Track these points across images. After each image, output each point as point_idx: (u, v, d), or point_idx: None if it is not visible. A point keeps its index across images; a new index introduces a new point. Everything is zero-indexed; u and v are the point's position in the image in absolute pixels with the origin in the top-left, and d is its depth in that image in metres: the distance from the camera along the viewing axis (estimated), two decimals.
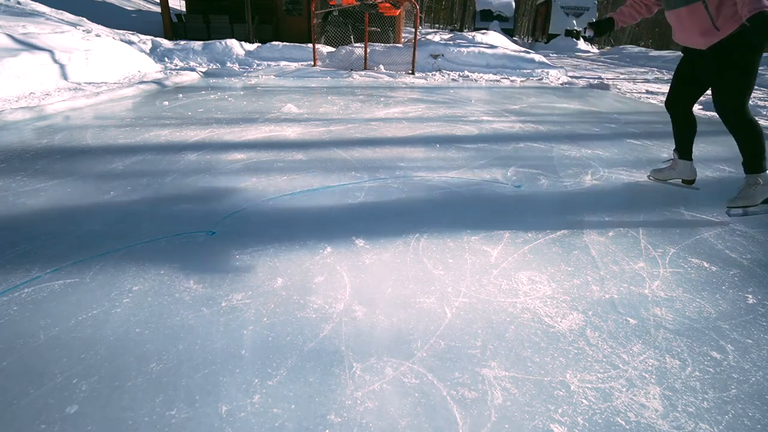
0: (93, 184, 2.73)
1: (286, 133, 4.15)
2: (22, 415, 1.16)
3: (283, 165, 3.22)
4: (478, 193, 2.82)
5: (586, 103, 6.65)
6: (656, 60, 15.73)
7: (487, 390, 1.28)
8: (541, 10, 27.32)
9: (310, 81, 7.86)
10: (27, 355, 1.35)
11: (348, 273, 1.85)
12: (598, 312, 1.66)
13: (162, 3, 14.24)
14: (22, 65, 5.51)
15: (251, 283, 1.76)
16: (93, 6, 16.94)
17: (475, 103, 6.25)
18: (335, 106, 5.59)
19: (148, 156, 3.31)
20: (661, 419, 1.21)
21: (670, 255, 2.11)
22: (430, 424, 1.17)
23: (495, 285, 1.81)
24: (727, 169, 3.55)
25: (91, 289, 1.68)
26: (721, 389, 1.32)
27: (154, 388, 1.25)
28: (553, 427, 1.18)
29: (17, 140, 3.57)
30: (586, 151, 3.87)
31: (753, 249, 2.21)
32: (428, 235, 2.20)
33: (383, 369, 1.35)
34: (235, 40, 10.33)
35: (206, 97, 5.90)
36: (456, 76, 9.04)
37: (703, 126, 5.37)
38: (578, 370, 1.37)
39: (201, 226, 2.23)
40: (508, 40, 13.33)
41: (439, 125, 4.70)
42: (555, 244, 2.16)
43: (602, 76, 10.95)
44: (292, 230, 2.22)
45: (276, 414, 1.18)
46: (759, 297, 1.80)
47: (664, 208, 2.68)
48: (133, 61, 7.80)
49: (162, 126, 4.22)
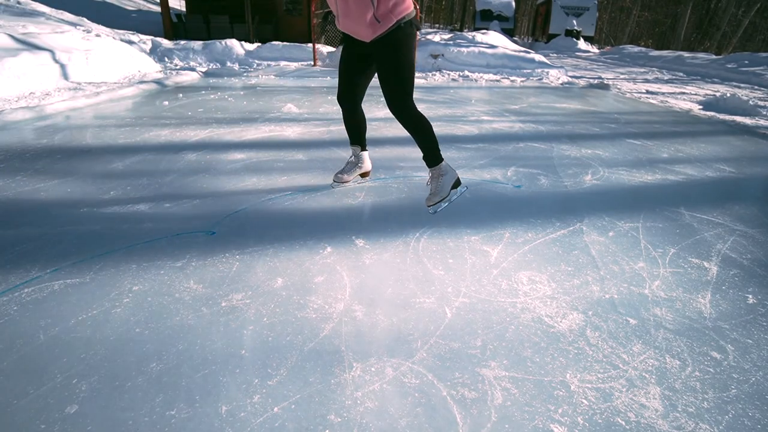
0: (93, 184, 2.73)
1: (286, 133, 4.15)
2: (22, 415, 1.16)
3: (283, 165, 3.22)
4: (478, 193, 2.82)
5: (586, 103, 6.65)
6: (656, 60, 15.73)
7: (487, 390, 1.28)
8: (541, 10, 27.32)
9: (310, 81, 7.85)
10: (27, 355, 1.35)
11: (348, 273, 1.85)
12: (598, 312, 1.66)
13: (162, 3, 14.23)
14: (22, 65, 5.51)
15: (251, 283, 1.76)
16: (93, 6, 16.94)
17: (475, 103, 6.24)
18: (335, 106, 5.59)
19: (148, 156, 3.31)
20: (661, 419, 1.21)
21: (670, 255, 2.11)
22: (430, 424, 1.17)
23: (495, 285, 1.81)
24: (727, 169, 3.55)
25: (91, 289, 1.68)
26: (721, 389, 1.32)
27: (154, 388, 1.25)
28: (553, 427, 1.18)
29: (17, 140, 3.57)
30: (586, 151, 3.87)
31: (753, 249, 2.21)
32: (428, 235, 2.20)
33: (383, 369, 1.35)
34: (235, 40, 10.33)
35: (206, 97, 5.90)
36: (456, 76, 9.04)
37: (703, 126, 5.38)
38: (578, 370, 1.37)
39: (201, 226, 2.23)
40: (508, 40, 13.31)
41: (439, 125, 4.70)
42: (555, 244, 2.16)
43: (602, 76, 10.95)
44: (292, 230, 2.22)
45: (276, 414, 1.18)
46: (759, 297, 1.80)
47: (664, 208, 2.68)
48: (133, 61, 7.80)
49: (162, 126, 4.22)
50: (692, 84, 9.89)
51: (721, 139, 4.65)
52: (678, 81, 10.46)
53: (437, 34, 18.21)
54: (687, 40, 27.67)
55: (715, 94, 7.58)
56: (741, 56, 12.70)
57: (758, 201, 2.89)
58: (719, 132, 5.03)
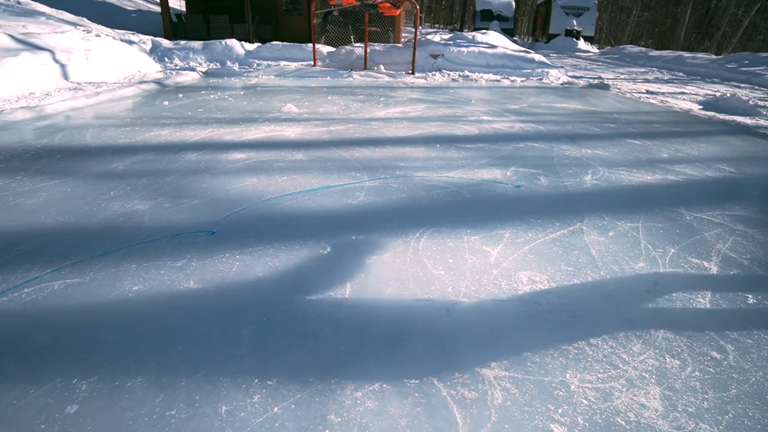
0: (93, 184, 2.73)
1: (286, 133, 4.15)
2: (22, 415, 1.16)
3: (283, 165, 3.22)
4: (478, 193, 2.82)
5: (586, 103, 6.65)
6: (656, 60, 15.72)
7: (487, 390, 1.28)
8: (541, 10, 27.31)
9: (310, 81, 7.85)
10: (27, 355, 1.35)
11: (348, 273, 1.85)
12: (598, 312, 1.66)
13: (162, 3, 14.23)
14: (22, 65, 5.51)
15: (251, 283, 1.76)
16: (93, 6, 16.93)
17: (475, 103, 6.24)
18: (335, 106, 5.59)
19: (148, 156, 3.31)
20: (661, 419, 1.21)
21: (670, 255, 2.11)
22: (430, 424, 1.17)
23: (495, 285, 1.81)
24: (727, 169, 3.55)
25: (91, 289, 1.68)
26: (721, 389, 1.32)
27: (154, 388, 1.25)
28: (553, 427, 1.17)
29: (17, 140, 3.57)
30: (586, 151, 3.87)
31: (753, 249, 2.21)
32: (428, 235, 2.20)
33: (383, 369, 1.35)
34: (235, 40, 10.32)
35: (206, 97, 5.90)
36: (456, 76, 9.04)
37: (703, 126, 5.38)
38: (578, 370, 1.37)
39: (201, 226, 2.23)
40: (508, 40, 13.31)
41: (439, 125, 4.70)
42: (555, 244, 2.16)
43: (602, 76, 10.95)
44: (292, 230, 2.22)
45: (276, 414, 1.18)
46: (759, 297, 1.80)
47: (664, 208, 2.68)
48: (133, 61, 7.79)
49: (162, 126, 4.22)
50: (692, 84, 9.89)
51: (721, 139, 4.65)
52: (678, 81, 10.46)
53: (437, 34, 18.20)
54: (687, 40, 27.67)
55: (715, 94, 7.58)
56: (741, 56, 12.69)
57: (758, 201, 2.89)
58: (719, 132, 5.03)
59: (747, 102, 6.31)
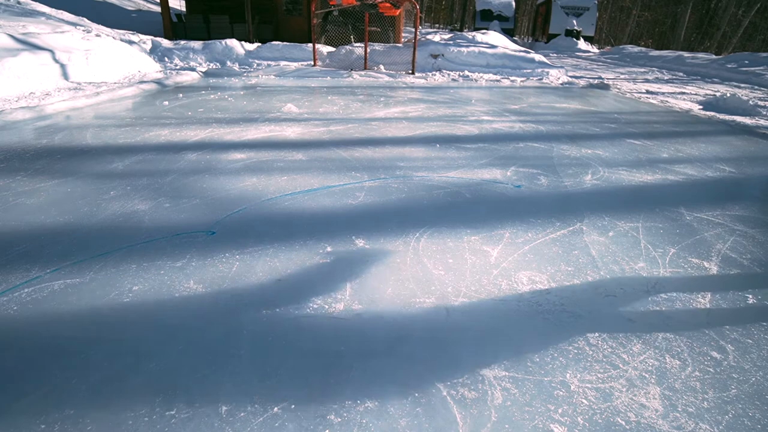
0: (93, 184, 2.73)
1: (286, 133, 4.15)
2: (22, 415, 1.16)
3: (283, 165, 3.22)
4: (478, 193, 2.82)
5: (586, 103, 6.65)
6: (656, 60, 15.72)
7: (487, 390, 1.28)
8: (541, 10, 27.32)
9: (310, 81, 7.85)
10: (27, 355, 1.35)
11: (348, 273, 1.85)
12: (598, 312, 1.66)
13: (162, 3, 14.23)
14: (22, 65, 5.51)
15: (251, 283, 1.76)
16: (93, 6, 16.93)
17: (475, 103, 6.24)
18: (335, 106, 5.59)
19: (148, 156, 3.31)
20: (661, 419, 1.21)
21: (670, 255, 2.11)
22: (430, 424, 1.17)
23: (495, 285, 1.81)
24: (727, 169, 3.55)
25: (91, 289, 1.68)
26: (721, 389, 1.32)
27: (154, 388, 1.25)
28: (553, 427, 1.17)
29: (17, 140, 3.57)
30: (586, 151, 3.87)
31: (753, 249, 2.21)
32: (428, 235, 2.20)
33: (383, 369, 1.35)
34: (236, 40, 10.32)
35: (206, 97, 5.90)
36: (456, 76, 9.04)
37: (703, 126, 5.38)
38: (578, 370, 1.37)
39: (201, 226, 2.23)
40: (508, 40, 13.31)
41: (439, 125, 4.70)
42: (555, 244, 2.16)
43: (602, 76, 10.95)
44: (292, 230, 2.22)
45: (276, 414, 1.18)
46: (759, 297, 1.80)
47: (664, 208, 2.68)
48: (133, 61, 7.79)
49: (162, 126, 4.22)
50: (692, 84, 9.89)
51: (721, 139, 4.65)
52: (678, 81, 10.46)
53: (437, 34, 18.21)
54: (687, 40, 27.66)
55: (715, 94, 7.58)
56: (741, 56, 12.69)
57: (758, 201, 2.89)
58: (719, 132, 5.03)
59: (747, 102, 6.31)
